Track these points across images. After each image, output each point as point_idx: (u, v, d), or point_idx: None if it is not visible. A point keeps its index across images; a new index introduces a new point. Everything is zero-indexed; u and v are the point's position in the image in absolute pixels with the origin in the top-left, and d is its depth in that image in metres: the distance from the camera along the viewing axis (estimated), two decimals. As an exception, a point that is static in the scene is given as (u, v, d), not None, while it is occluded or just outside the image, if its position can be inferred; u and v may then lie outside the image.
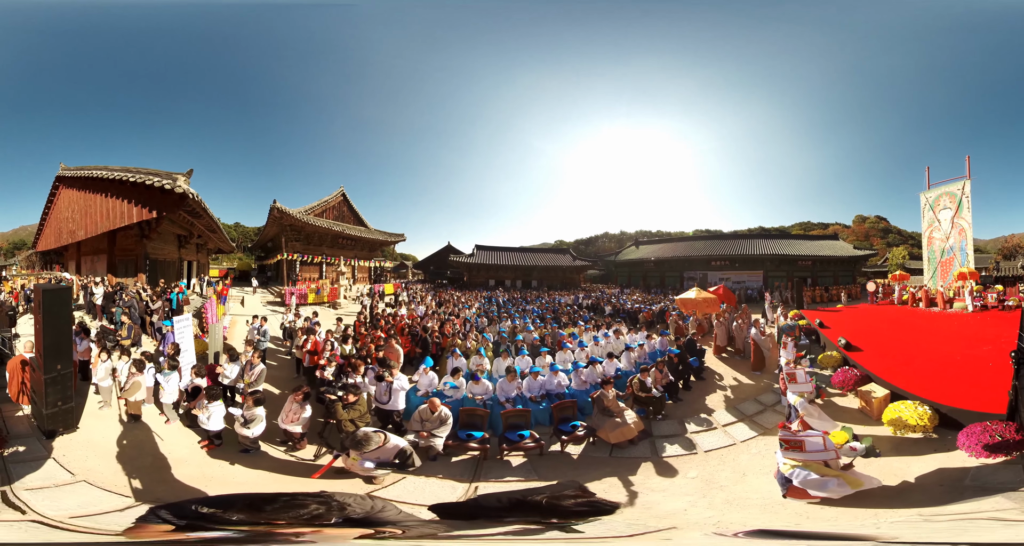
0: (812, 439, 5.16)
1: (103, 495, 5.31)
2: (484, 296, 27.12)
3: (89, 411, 7.30)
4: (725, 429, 7.78)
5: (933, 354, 9.61)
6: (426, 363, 9.06)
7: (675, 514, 5.24)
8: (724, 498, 5.55)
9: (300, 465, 6.51)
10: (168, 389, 7.29)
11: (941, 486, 5.17)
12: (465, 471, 6.48)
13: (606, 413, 7.35)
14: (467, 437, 6.95)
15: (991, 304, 16.17)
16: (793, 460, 5.09)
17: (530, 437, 6.99)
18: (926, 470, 5.54)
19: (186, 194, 15.67)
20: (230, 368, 8.19)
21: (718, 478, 6.16)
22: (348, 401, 6.58)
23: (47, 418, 6.35)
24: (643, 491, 5.88)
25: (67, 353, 6.62)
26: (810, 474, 4.94)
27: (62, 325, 6.62)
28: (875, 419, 7.26)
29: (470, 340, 11.81)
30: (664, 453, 7.02)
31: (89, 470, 5.78)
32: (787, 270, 33.10)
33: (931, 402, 6.75)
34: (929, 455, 5.93)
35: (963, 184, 19.75)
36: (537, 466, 6.68)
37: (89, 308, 13.65)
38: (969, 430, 5.73)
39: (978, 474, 5.23)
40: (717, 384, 10.27)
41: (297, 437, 6.88)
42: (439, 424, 6.73)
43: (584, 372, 9.11)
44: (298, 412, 6.80)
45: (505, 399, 8.25)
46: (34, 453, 6.04)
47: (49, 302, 6.50)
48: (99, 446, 6.41)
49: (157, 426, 7.16)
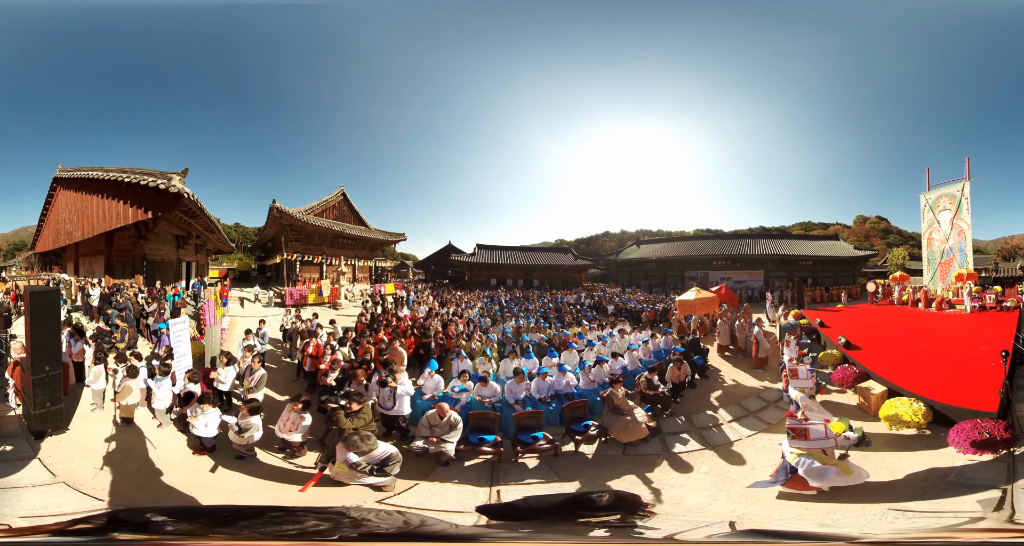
0: (815, 427, 5.54)
1: (78, 497, 5.22)
2: (486, 296, 27.06)
3: (81, 413, 7.20)
4: (730, 425, 7.94)
5: (930, 353, 9.78)
6: (431, 366, 8.93)
7: (702, 508, 5.38)
8: (739, 491, 5.73)
9: (298, 473, 6.31)
10: (160, 395, 7.16)
11: (925, 481, 5.31)
12: (481, 475, 6.43)
13: (617, 412, 7.37)
14: (479, 441, 6.83)
15: (989, 305, 16.14)
16: (799, 448, 5.42)
17: (544, 438, 6.94)
18: (916, 466, 5.70)
19: (181, 194, 15.55)
20: (225, 373, 8.01)
21: (729, 473, 6.32)
22: (352, 409, 6.33)
23: (35, 419, 6.29)
24: (664, 487, 6.01)
25: (56, 355, 6.53)
26: (814, 462, 5.24)
27: (51, 327, 6.53)
28: (872, 415, 7.45)
29: (474, 341, 11.72)
30: (675, 449, 7.14)
31: (71, 472, 5.70)
32: (788, 270, 33.07)
33: (926, 399, 6.92)
34: (920, 451, 6.09)
35: (963, 186, 19.74)
36: (554, 467, 6.66)
37: (86, 309, 13.52)
38: (960, 427, 5.85)
39: (963, 472, 5.36)
40: (720, 382, 10.37)
41: (296, 446, 6.66)
42: (449, 429, 6.60)
43: (592, 371, 9.14)
44: (297, 421, 6.58)
45: (514, 401, 8.20)
46: (20, 453, 5.99)
47: (37, 304, 6.41)
48: (87, 448, 6.31)
49: (149, 431, 7.03)
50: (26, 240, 44.90)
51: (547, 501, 5.33)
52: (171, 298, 13.27)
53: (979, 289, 17.05)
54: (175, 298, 13.41)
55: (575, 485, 6.17)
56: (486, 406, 7.93)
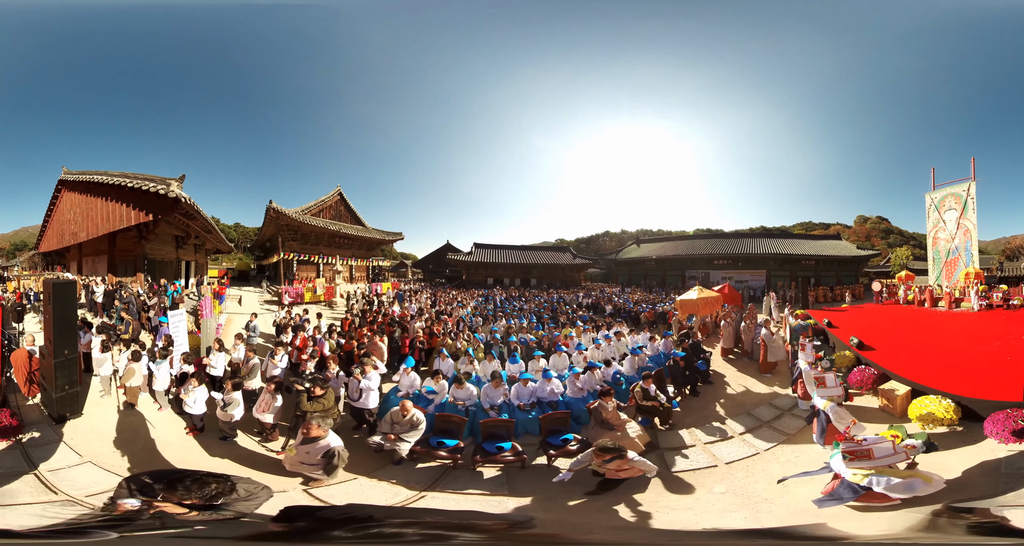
0: (880, 445, 5.05)
1: (105, 475, 5.85)
2: (481, 295, 26.75)
3: (91, 400, 7.82)
4: (743, 437, 7.19)
5: (946, 351, 9.70)
6: (407, 363, 8.51)
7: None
8: (786, 511, 5.12)
9: (265, 456, 6.79)
10: (159, 376, 7.77)
11: (983, 477, 5.25)
12: (424, 478, 6.12)
13: (605, 426, 6.69)
14: (438, 444, 6.50)
15: (996, 303, 16.25)
16: (864, 470, 4.92)
17: (511, 449, 6.45)
18: (965, 463, 5.53)
19: (179, 198, 16.49)
20: (216, 358, 8.50)
21: (756, 491, 5.63)
22: (314, 393, 6.69)
23: (56, 402, 6.96)
24: (659, 510, 5.26)
25: (73, 340, 7.36)
26: (891, 479, 4.81)
27: (68, 314, 7.36)
28: (898, 416, 7.28)
29: (460, 340, 11.37)
30: (675, 467, 6.39)
31: (93, 452, 6.35)
32: (790, 270, 32.59)
33: (952, 395, 6.84)
34: (962, 448, 5.95)
35: (968, 185, 19.69)
36: (512, 480, 6.11)
37: (91, 306, 14.10)
38: (993, 418, 5.94)
39: (1011, 462, 5.41)
40: (726, 388, 9.66)
41: (269, 428, 7.20)
42: (410, 428, 6.45)
43: (581, 378, 8.44)
44: (270, 402, 7.11)
45: (490, 406, 7.70)
46: (47, 438, 6.55)
47: (57, 293, 7.21)
48: (101, 431, 6.96)
49: (150, 413, 7.64)
50: (27, 240, 45.05)
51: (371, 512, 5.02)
52: (170, 294, 13.46)
53: (986, 288, 17.06)
54: (174, 294, 13.61)
55: (523, 501, 5.59)
56: (458, 409, 7.57)
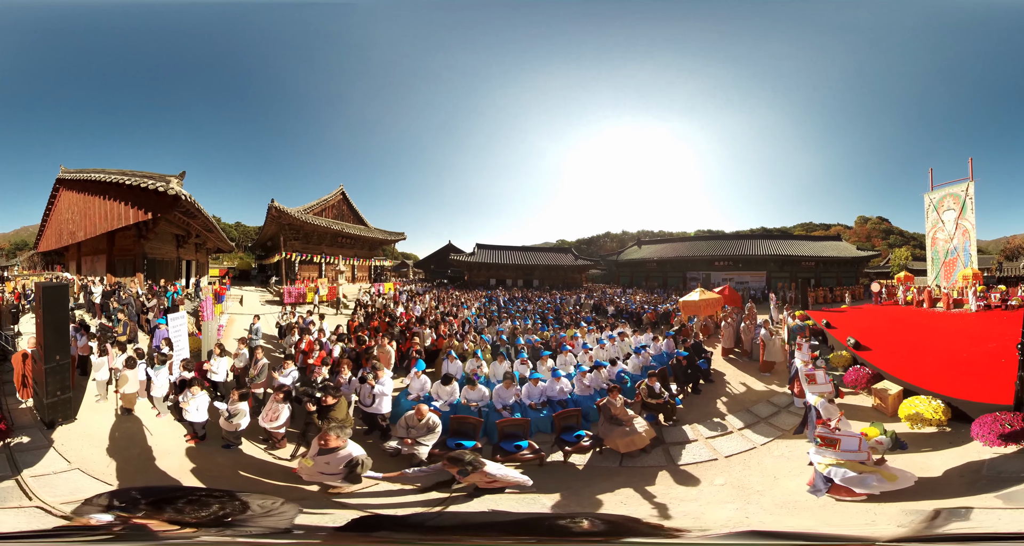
0: (848, 439, 5.23)
1: (91, 482, 5.58)
2: (485, 296, 26.83)
3: (86, 404, 7.56)
4: (742, 433, 7.59)
5: (941, 351, 9.79)
6: (418, 366, 8.60)
7: (735, 520, 5.04)
8: (772, 502, 5.38)
9: (273, 464, 6.45)
10: (158, 383, 7.47)
11: (962, 477, 5.32)
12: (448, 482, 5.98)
13: (614, 421, 6.92)
14: (456, 446, 6.44)
15: (994, 304, 16.19)
16: (828, 459, 5.16)
17: (528, 447, 6.57)
18: (948, 463, 5.64)
19: (179, 196, 16.07)
20: (218, 363, 8.24)
21: (750, 483, 5.92)
22: (326, 403, 6.42)
23: (47, 408, 6.67)
24: (671, 501, 5.51)
25: (65, 345, 6.97)
26: (847, 472, 5.01)
27: (60, 319, 6.99)
28: (890, 415, 7.37)
29: (467, 342, 11.40)
30: (680, 460, 6.68)
31: (83, 459, 6.06)
32: (791, 271, 32.76)
33: (943, 396, 6.93)
34: (947, 449, 6.04)
35: (967, 186, 19.71)
36: (534, 477, 6.03)
37: (89, 307, 13.84)
38: (981, 420, 5.96)
39: (993, 464, 5.45)
40: (726, 387, 10.04)
41: (277, 437, 6.82)
42: (426, 432, 6.38)
43: (588, 377, 8.68)
44: (277, 411, 6.74)
45: (502, 406, 7.81)
46: (36, 443, 6.36)
47: (49, 297, 6.86)
48: (94, 437, 6.68)
49: (148, 419, 7.35)
50: (27, 240, 45.10)
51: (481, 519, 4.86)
52: (170, 295, 13.34)
53: (984, 288, 17.03)
54: (174, 295, 13.47)
55: (554, 497, 5.66)
56: (472, 410, 7.63)
